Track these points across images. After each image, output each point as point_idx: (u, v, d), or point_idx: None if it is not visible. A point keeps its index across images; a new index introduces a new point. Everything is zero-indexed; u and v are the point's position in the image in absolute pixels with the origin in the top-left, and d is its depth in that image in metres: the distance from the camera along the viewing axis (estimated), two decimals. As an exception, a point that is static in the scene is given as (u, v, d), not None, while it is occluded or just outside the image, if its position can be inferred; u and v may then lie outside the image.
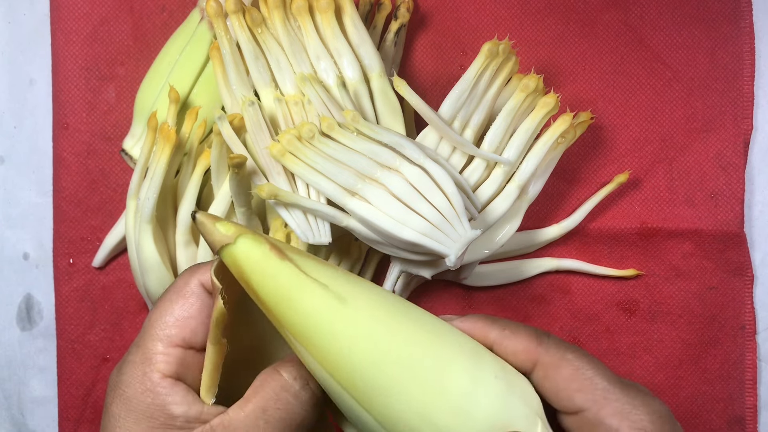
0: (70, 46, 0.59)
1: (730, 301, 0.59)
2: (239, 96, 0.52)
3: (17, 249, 0.60)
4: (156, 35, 0.59)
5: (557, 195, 0.59)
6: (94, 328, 0.59)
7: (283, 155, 0.48)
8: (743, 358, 0.59)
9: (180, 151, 0.54)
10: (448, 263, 0.48)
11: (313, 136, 0.48)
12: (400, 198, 0.48)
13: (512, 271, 0.59)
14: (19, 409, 0.61)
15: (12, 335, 0.60)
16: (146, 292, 0.55)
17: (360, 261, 0.57)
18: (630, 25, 0.59)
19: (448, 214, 0.48)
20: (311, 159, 0.48)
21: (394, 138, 0.48)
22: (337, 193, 0.48)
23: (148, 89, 0.57)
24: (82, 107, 0.59)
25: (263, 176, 0.50)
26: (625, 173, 0.58)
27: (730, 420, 0.59)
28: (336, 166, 0.48)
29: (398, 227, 0.47)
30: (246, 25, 0.52)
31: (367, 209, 0.48)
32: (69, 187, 0.59)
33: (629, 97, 0.60)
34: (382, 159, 0.48)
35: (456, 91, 0.52)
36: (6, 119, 0.60)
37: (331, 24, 0.52)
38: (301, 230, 0.49)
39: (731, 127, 0.59)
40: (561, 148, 0.54)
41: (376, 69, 0.53)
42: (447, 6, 0.59)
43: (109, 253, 0.59)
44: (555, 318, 0.60)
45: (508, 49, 0.52)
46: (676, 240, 0.59)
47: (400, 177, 0.48)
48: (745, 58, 0.59)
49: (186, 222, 0.55)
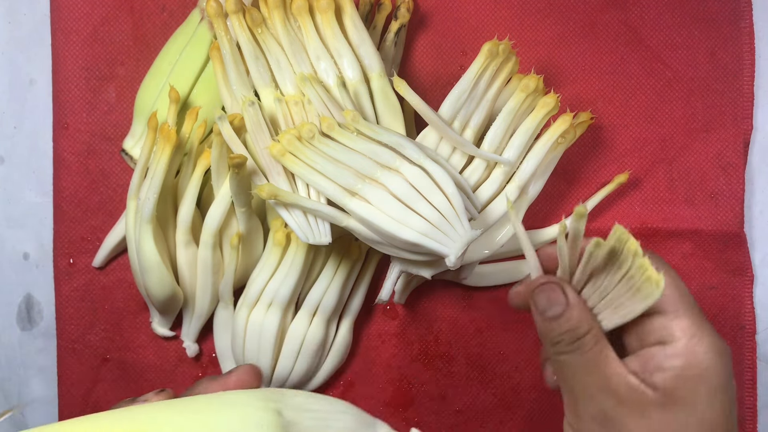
0: (70, 46, 0.59)
1: (729, 301, 0.59)
2: (239, 96, 0.52)
3: (17, 249, 0.60)
4: (156, 35, 0.59)
5: (557, 195, 0.59)
6: (94, 328, 0.59)
7: (283, 155, 0.48)
8: (743, 358, 0.59)
9: (180, 151, 0.54)
10: (448, 263, 0.48)
11: (313, 136, 0.48)
12: (400, 198, 0.48)
13: (512, 271, 0.59)
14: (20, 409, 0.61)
15: (12, 335, 0.60)
16: (146, 292, 0.55)
17: (360, 261, 0.57)
18: (630, 25, 0.59)
19: (448, 214, 0.48)
20: (311, 159, 0.48)
21: (393, 138, 0.48)
22: (337, 194, 0.48)
23: (148, 89, 0.57)
24: (82, 107, 0.59)
25: (263, 176, 0.50)
26: (625, 173, 0.58)
27: (729, 420, 0.60)
28: (336, 167, 0.48)
29: (398, 227, 0.47)
30: (246, 25, 0.52)
31: (367, 209, 0.48)
32: (69, 187, 0.59)
33: (629, 97, 0.60)
34: (382, 159, 0.48)
35: (456, 91, 0.52)
36: (6, 119, 0.60)
37: (331, 24, 0.52)
38: (302, 230, 0.49)
39: (731, 127, 0.59)
40: (561, 148, 0.54)
41: (376, 69, 0.53)
42: (447, 6, 0.59)
43: (109, 253, 0.59)
44: (555, 318, 0.60)
45: (508, 49, 0.52)
46: (676, 240, 0.59)
47: (400, 177, 0.48)
48: (745, 58, 0.59)
49: (186, 222, 0.55)
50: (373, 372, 0.60)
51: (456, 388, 0.60)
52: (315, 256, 0.55)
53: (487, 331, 0.60)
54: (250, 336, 0.55)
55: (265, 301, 0.54)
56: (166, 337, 0.59)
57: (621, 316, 0.40)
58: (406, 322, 0.60)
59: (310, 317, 0.55)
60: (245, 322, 0.55)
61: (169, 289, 0.55)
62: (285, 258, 0.54)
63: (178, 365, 0.60)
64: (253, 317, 0.55)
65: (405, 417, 0.60)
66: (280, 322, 0.54)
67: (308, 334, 0.55)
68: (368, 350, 0.60)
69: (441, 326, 0.60)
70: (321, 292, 0.55)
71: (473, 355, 0.60)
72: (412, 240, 0.47)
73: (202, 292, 0.56)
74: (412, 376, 0.60)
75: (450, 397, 0.60)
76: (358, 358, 0.60)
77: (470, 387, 0.60)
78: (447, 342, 0.60)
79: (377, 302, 0.51)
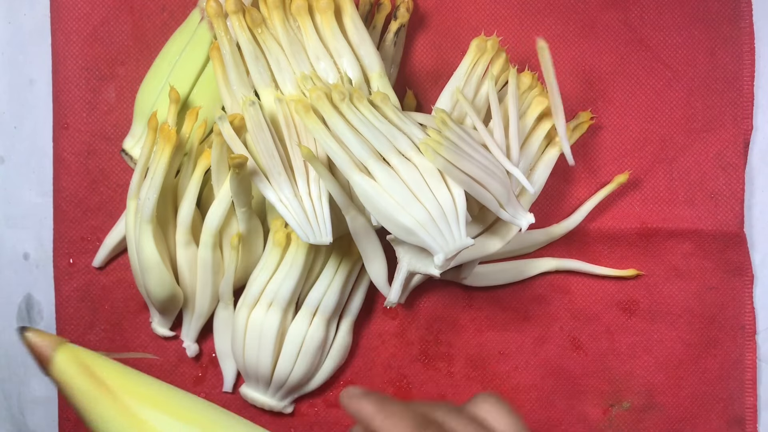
0: (70, 46, 0.59)
1: (729, 301, 0.59)
2: (239, 96, 0.52)
3: (17, 249, 0.60)
4: (156, 35, 0.59)
5: (557, 195, 0.59)
6: (94, 328, 0.59)
7: (307, 111, 0.48)
8: (743, 358, 0.60)
9: (180, 152, 0.54)
10: (435, 261, 0.47)
11: (343, 99, 0.48)
12: (407, 184, 0.47)
13: (512, 271, 0.59)
14: (19, 409, 0.61)
15: (12, 335, 0.60)
16: (146, 292, 0.55)
17: (360, 261, 0.57)
18: (630, 25, 0.59)
19: (450, 214, 0.47)
20: (333, 122, 0.48)
21: (416, 130, 0.48)
22: (346, 164, 0.48)
23: (148, 89, 0.57)
24: (82, 107, 0.59)
25: (263, 176, 0.50)
26: (625, 173, 0.58)
27: (730, 420, 0.60)
28: (354, 136, 0.48)
29: (398, 210, 0.47)
30: (246, 26, 0.52)
31: (370, 185, 0.47)
32: (69, 187, 0.59)
33: (629, 97, 0.60)
34: (399, 144, 0.48)
35: (450, 88, 0.52)
36: (6, 119, 0.60)
37: (331, 24, 0.52)
38: (302, 230, 0.49)
39: (731, 127, 0.59)
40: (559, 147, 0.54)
41: (375, 69, 0.53)
42: (446, 6, 0.59)
43: (109, 253, 0.59)
44: (555, 318, 0.60)
45: (497, 45, 0.53)
46: (676, 240, 0.59)
47: (412, 165, 0.48)
48: (744, 58, 0.59)
49: (186, 222, 0.55)
50: (373, 372, 0.60)
51: (456, 388, 0.60)
52: (315, 256, 0.55)
53: (487, 331, 0.60)
54: (250, 336, 0.55)
55: (265, 301, 0.54)
56: (166, 337, 0.59)
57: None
58: (406, 322, 0.60)
59: (310, 317, 0.55)
60: (245, 322, 0.55)
61: (169, 289, 0.55)
62: (285, 258, 0.54)
63: (178, 365, 0.60)
64: (254, 317, 0.55)
65: (405, 417, 0.60)
66: (280, 323, 0.54)
67: (308, 334, 0.55)
68: (368, 350, 0.60)
69: (441, 326, 0.60)
70: (321, 292, 0.55)
71: (473, 356, 0.60)
72: (408, 225, 0.47)
73: (202, 292, 0.56)
74: (412, 376, 0.60)
75: (450, 397, 0.60)
76: (358, 358, 0.60)
77: (470, 387, 0.60)
78: (447, 342, 0.60)
79: (387, 305, 0.51)
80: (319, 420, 0.60)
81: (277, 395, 0.57)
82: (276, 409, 0.58)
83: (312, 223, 0.50)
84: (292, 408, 0.59)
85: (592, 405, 0.60)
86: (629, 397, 0.60)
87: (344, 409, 0.39)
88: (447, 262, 0.48)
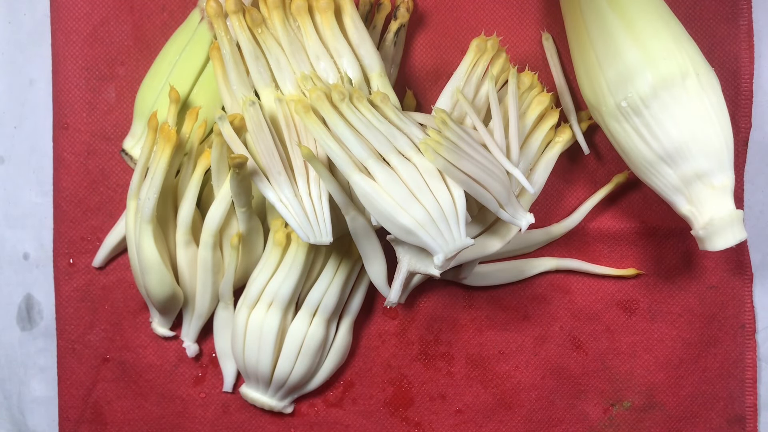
0: (70, 46, 0.59)
1: (729, 301, 0.59)
2: (239, 96, 0.52)
3: (17, 249, 0.60)
4: (156, 35, 0.59)
5: (557, 195, 0.59)
6: (94, 328, 0.59)
7: (307, 111, 0.48)
8: (743, 357, 0.60)
9: (180, 152, 0.54)
10: (435, 261, 0.47)
11: (343, 99, 0.48)
12: (407, 184, 0.47)
13: (512, 271, 0.59)
14: (19, 409, 0.61)
15: (12, 335, 0.60)
16: (146, 292, 0.55)
17: (360, 261, 0.57)
18: (629, 24, 0.59)
19: (450, 214, 0.47)
20: (333, 122, 0.48)
21: (415, 131, 0.48)
22: (346, 164, 0.48)
23: (148, 89, 0.57)
24: (82, 107, 0.59)
25: (264, 176, 0.50)
26: (624, 173, 0.58)
27: (730, 419, 0.60)
28: (354, 136, 0.48)
29: (397, 210, 0.47)
30: (246, 25, 0.52)
31: (370, 185, 0.47)
32: (69, 187, 0.59)
33: (629, 97, 0.60)
34: (399, 144, 0.48)
35: (450, 88, 0.52)
36: (6, 119, 0.60)
37: (331, 24, 0.52)
38: (302, 230, 0.49)
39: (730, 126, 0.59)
40: (559, 147, 0.54)
41: (376, 69, 0.53)
42: (446, 6, 0.59)
43: (109, 253, 0.59)
44: (555, 318, 0.60)
45: (497, 45, 0.53)
46: (676, 239, 0.59)
47: (411, 165, 0.48)
48: (743, 57, 0.59)
49: (186, 222, 0.55)
50: (373, 372, 0.60)
51: (456, 388, 0.60)
52: (315, 256, 0.55)
53: (487, 331, 0.60)
54: (250, 336, 0.55)
55: (265, 301, 0.54)
56: (166, 337, 0.59)
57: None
58: (406, 322, 0.60)
59: (310, 317, 0.56)
60: (245, 322, 0.55)
61: (169, 289, 0.55)
62: (285, 258, 0.54)
63: (178, 365, 0.60)
64: (254, 317, 0.55)
65: (405, 417, 0.60)
66: (280, 322, 0.54)
67: (308, 334, 0.55)
68: (368, 350, 0.60)
69: (441, 326, 0.60)
70: (321, 292, 0.55)
71: (473, 355, 0.60)
72: (407, 226, 0.47)
73: (202, 292, 0.56)
74: (412, 376, 0.60)
75: (450, 397, 0.60)
76: (358, 358, 0.60)
77: (470, 387, 0.60)
78: (447, 342, 0.60)
79: (387, 305, 0.51)
80: (319, 420, 0.60)
81: (277, 395, 0.57)
82: (276, 409, 0.58)
83: (312, 223, 0.50)
84: (292, 408, 0.59)
85: (592, 404, 0.60)
86: (629, 397, 0.60)
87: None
88: (447, 262, 0.48)
